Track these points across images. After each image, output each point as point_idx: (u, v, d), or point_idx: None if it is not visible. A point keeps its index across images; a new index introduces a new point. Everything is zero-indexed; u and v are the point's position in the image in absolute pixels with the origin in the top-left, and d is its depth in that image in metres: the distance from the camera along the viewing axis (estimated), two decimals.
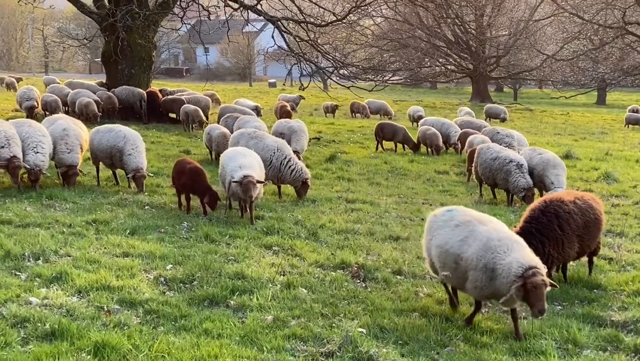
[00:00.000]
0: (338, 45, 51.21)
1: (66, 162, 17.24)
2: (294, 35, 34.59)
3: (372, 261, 12.43)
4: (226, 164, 15.03)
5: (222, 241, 13.08)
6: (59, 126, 17.88)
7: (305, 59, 34.66)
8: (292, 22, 34.94)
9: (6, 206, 14.60)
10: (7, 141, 15.92)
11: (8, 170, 15.88)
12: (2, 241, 11.68)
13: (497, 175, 18.56)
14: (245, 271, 11.12)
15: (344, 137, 31.63)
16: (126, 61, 32.39)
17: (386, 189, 20.30)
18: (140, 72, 33.03)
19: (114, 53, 31.13)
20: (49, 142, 17.08)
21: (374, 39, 64.54)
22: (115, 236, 12.71)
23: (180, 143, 26.50)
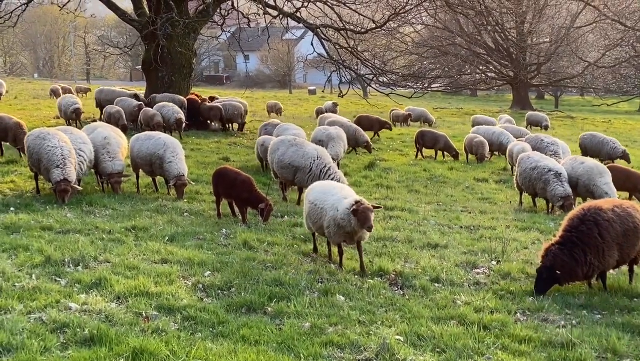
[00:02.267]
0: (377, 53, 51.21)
1: (108, 171, 17.38)
2: (334, 43, 34.62)
3: (410, 269, 12.37)
4: (320, 199, 12.54)
5: (260, 248, 13.09)
6: (99, 134, 18.02)
7: (345, 66, 34.68)
8: (331, 30, 34.95)
9: (47, 213, 14.74)
10: (63, 161, 16.01)
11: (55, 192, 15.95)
12: (43, 247, 11.79)
13: (536, 184, 18.46)
14: (283, 278, 11.12)
15: (383, 144, 31.59)
16: (166, 69, 32.57)
17: (425, 196, 20.26)
18: (180, 80, 33.20)
19: (154, 61, 31.33)
20: (89, 149, 17.21)
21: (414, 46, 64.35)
22: (154, 243, 12.78)
23: (219, 150, 26.61)
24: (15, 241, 12.20)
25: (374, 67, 36.47)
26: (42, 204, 15.72)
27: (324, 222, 12.18)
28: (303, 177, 17.53)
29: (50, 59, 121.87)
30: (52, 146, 16.02)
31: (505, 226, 16.38)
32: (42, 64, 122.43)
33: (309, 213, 12.76)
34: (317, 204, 12.48)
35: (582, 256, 11.02)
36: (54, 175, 15.71)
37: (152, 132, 19.74)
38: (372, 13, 37.15)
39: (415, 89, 44.41)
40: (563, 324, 9.97)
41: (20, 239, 12.38)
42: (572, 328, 9.76)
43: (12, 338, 8.21)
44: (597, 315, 10.61)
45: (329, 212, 12.11)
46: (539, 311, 10.40)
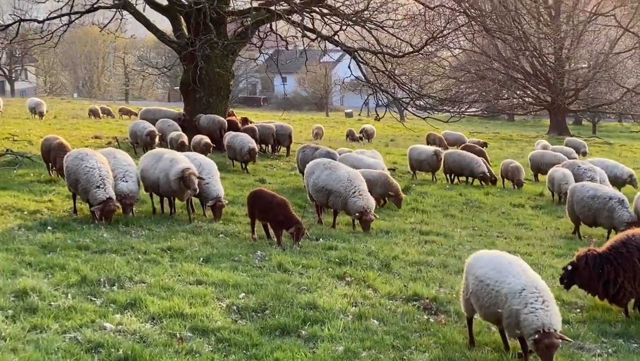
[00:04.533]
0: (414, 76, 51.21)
1: (212, 195, 17.49)
2: (371, 66, 34.64)
3: (445, 294, 12.33)
4: (496, 280, 9.76)
5: (295, 270, 13.09)
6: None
7: (382, 90, 34.68)
8: (369, 53, 35.00)
9: (84, 232, 14.84)
10: (102, 181, 16.14)
11: (102, 213, 15.98)
12: (79, 267, 11.87)
13: (600, 213, 18.19)
14: (317, 302, 11.11)
15: None
16: (204, 90, 32.70)
17: (460, 221, 20.18)
18: (218, 101, 33.31)
19: (193, 82, 31.51)
20: (135, 171, 17.34)
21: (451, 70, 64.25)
22: (189, 264, 12.82)
23: (255, 172, 26.67)
24: (52, 261, 12.30)
25: (411, 90, 36.46)
26: (79, 224, 15.86)
27: (500, 310, 9.55)
28: (336, 201, 17.55)
29: (90, 79, 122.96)
30: (90, 167, 16.13)
31: (542, 253, 16.28)
32: (81, 84, 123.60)
33: (474, 291, 10.09)
34: (490, 285, 9.81)
35: (611, 274, 11.00)
36: (98, 195, 15.79)
37: (188, 152, 19.84)
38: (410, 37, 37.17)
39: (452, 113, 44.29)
40: (599, 352, 9.89)
41: (57, 259, 12.48)
42: (608, 356, 9.69)
43: (47, 357, 8.28)
44: (633, 344, 10.53)
45: (511, 301, 9.45)
46: (575, 339, 10.31)
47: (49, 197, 18.61)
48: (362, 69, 34.91)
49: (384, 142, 46.78)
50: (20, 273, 11.40)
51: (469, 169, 27.33)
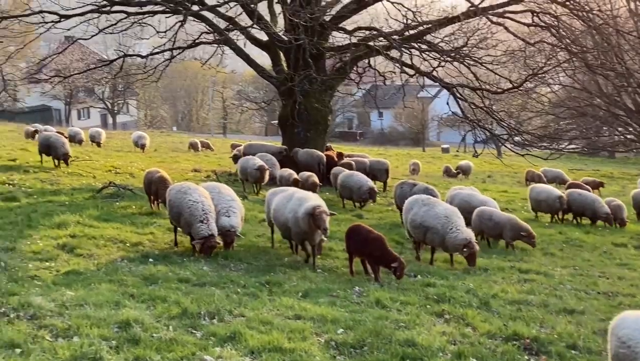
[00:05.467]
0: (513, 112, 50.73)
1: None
2: (469, 102, 34.47)
3: (546, 334, 12.12)
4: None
5: (393, 307, 13.01)
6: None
7: (480, 126, 34.47)
8: (467, 89, 34.86)
9: (185, 265, 15.03)
10: (205, 215, 16.37)
11: (202, 248, 16.22)
12: (180, 299, 12.01)
13: None
14: (416, 339, 11.03)
15: (517, 205, 31.14)
16: (302, 124, 32.97)
17: (561, 260, 19.85)
18: (315, 136, 33.54)
19: (291, 116, 31.82)
20: (239, 206, 17.53)
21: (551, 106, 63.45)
22: (287, 298, 12.85)
23: (352, 207, 26.71)
24: (153, 293, 12.47)
25: (510, 127, 36.11)
26: (179, 257, 16.08)
27: None
28: (434, 238, 17.46)
29: (189, 112, 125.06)
30: (194, 201, 16.38)
31: None
32: (180, 117, 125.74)
33: (615, 354, 9.31)
34: (634, 349, 8.93)
35: None
36: (201, 230, 16.03)
37: (287, 187, 19.98)
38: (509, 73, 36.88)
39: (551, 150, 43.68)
40: None
41: (158, 291, 12.65)
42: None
43: None
44: None
45: None
46: None
47: (151, 229, 18.91)
48: (460, 105, 34.75)
49: (481, 178, 46.49)
50: (123, 304, 11.57)
51: (591, 209, 26.77)
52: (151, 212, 21.43)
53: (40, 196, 23.32)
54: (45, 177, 26.92)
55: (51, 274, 13.59)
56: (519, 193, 35.19)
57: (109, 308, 11.31)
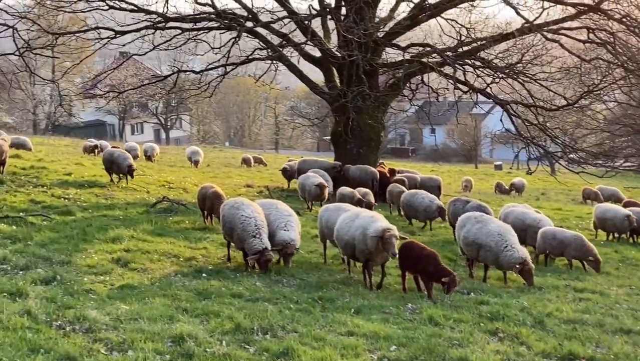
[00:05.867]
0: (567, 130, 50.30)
1: None
2: (523, 119, 34.21)
3: (602, 354, 11.95)
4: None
5: (447, 324, 12.93)
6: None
7: (534, 143, 34.20)
8: (521, 106, 34.60)
9: (238, 280, 15.10)
10: (258, 231, 16.42)
11: (259, 263, 16.28)
12: (233, 314, 12.04)
13: None
14: (470, 357, 10.95)
15: (572, 223, 30.81)
16: (355, 141, 32.97)
17: (617, 279, 19.56)
18: (368, 152, 33.51)
19: (344, 133, 31.82)
20: (297, 221, 17.57)
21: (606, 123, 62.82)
22: (340, 315, 12.84)
23: (405, 224, 26.61)
24: (207, 307, 12.53)
25: (564, 144, 35.81)
26: (232, 272, 16.17)
27: None
28: (487, 255, 17.34)
29: (241, 128, 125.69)
30: (247, 216, 16.47)
31: None
32: (233, 133, 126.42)
33: None
34: None
35: None
36: (254, 245, 16.11)
37: (341, 204, 19.96)
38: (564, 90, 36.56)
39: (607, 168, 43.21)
40: None
41: (211, 306, 12.71)
42: None
43: None
44: None
45: None
46: None
47: (204, 244, 19.03)
48: (513, 122, 34.51)
49: (535, 195, 46.13)
50: (177, 319, 11.64)
51: None
52: (204, 227, 21.57)
53: (95, 210, 23.57)
54: (99, 192, 27.19)
55: (106, 288, 13.71)
56: (573, 211, 34.86)
57: (162, 322, 11.39)
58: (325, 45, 32.13)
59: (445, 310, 13.84)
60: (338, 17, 32.27)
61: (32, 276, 13.65)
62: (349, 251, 16.48)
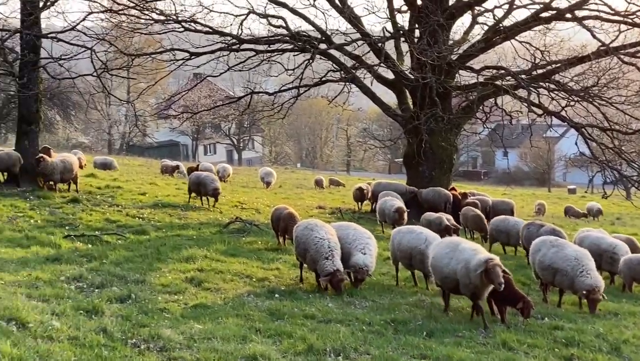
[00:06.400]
0: None
1: None
2: (598, 142, 33.75)
3: None
4: None
5: (520, 349, 12.78)
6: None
7: (610, 167, 33.71)
8: (596, 129, 34.15)
9: (310, 301, 15.11)
10: (331, 252, 16.45)
11: (331, 284, 16.29)
12: (306, 335, 12.06)
13: None
14: None
15: None
16: (427, 163, 32.88)
17: None
18: (440, 175, 33.39)
19: (417, 155, 31.75)
20: (374, 245, 17.54)
21: None
22: (412, 337, 12.77)
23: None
24: (279, 328, 12.56)
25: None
26: (304, 293, 16.18)
27: None
28: (563, 280, 17.11)
29: (313, 149, 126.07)
30: (320, 238, 16.51)
31: None
32: (304, 154, 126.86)
33: None
34: None
35: None
36: (326, 266, 16.14)
37: (414, 226, 19.89)
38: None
39: None
40: None
41: (284, 326, 12.74)
42: None
43: None
44: None
45: None
46: None
47: (276, 265, 19.11)
48: (588, 145, 34.06)
49: (609, 220, 45.41)
50: (250, 339, 11.69)
51: None
52: (277, 248, 21.67)
53: (169, 230, 23.87)
54: (173, 212, 27.52)
55: (180, 307, 13.83)
56: None
57: (236, 342, 11.45)
58: (399, 68, 32.16)
59: (519, 335, 13.67)
60: (412, 39, 32.30)
61: (108, 294, 13.83)
62: (449, 285, 15.38)
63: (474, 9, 34.74)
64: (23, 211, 24.13)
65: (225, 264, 18.36)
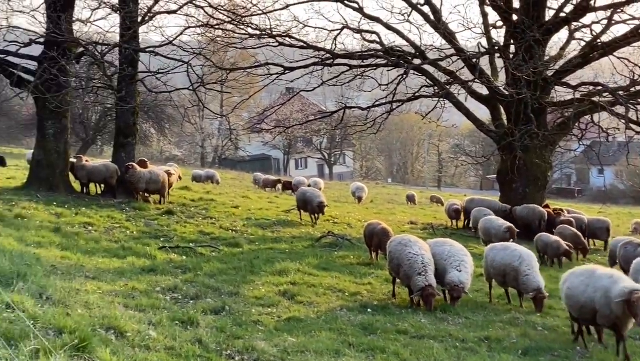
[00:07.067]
0: None
1: (533, 286, 17.20)
2: None
3: None
4: None
5: None
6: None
7: None
8: None
9: (403, 316, 15.06)
10: (424, 268, 16.38)
11: (423, 299, 16.23)
12: (399, 350, 12.03)
13: None
14: None
15: None
16: (521, 180, 32.54)
17: None
18: (534, 192, 32.97)
19: (510, 171, 31.46)
20: (471, 263, 17.41)
21: None
22: (507, 355, 12.63)
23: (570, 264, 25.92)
24: (372, 342, 12.54)
25: None
26: (397, 308, 16.13)
27: None
28: None
29: (404, 164, 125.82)
30: (414, 253, 16.45)
31: None
32: (395, 169, 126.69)
33: None
34: None
35: None
36: (418, 281, 16.07)
37: (507, 243, 19.68)
38: None
39: None
40: None
41: (377, 341, 12.72)
42: None
43: None
44: None
45: None
46: None
47: (368, 279, 19.08)
48: None
49: None
50: (343, 353, 11.69)
51: None
52: (369, 262, 21.63)
53: (262, 242, 24.07)
54: (265, 224, 27.74)
55: (273, 319, 13.90)
56: None
57: (329, 355, 11.46)
58: (493, 83, 31.95)
59: (616, 357, 13.39)
60: (507, 55, 32.06)
61: (202, 306, 13.96)
62: (586, 315, 13.98)
63: (570, 25, 34.35)
64: (119, 222, 24.60)
65: (317, 278, 18.41)
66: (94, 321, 10.55)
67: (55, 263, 15.84)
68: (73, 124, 48.01)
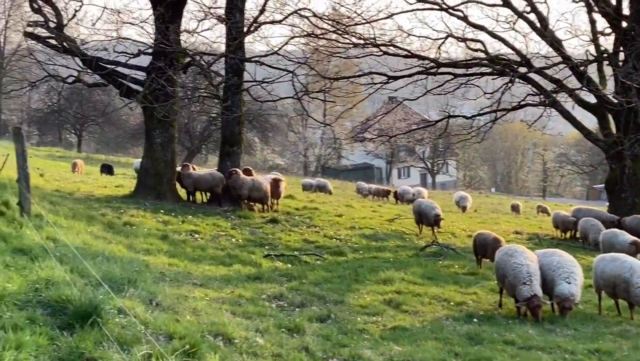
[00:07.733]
0: None
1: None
2: None
3: None
4: None
5: None
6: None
7: None
8: None
9: (510, 327, 14.87)
10: (529, 278, 16.18)
11: (529, 308, 16.02)
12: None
13: None
14: None
15: None
16: (630, 190, 31.86)
17: None
18: None
19: (619, 181, 30.88)
20: (580, 274, 17.12)
21: None
22: None
23: None
24: (479, 353, 12.41)
25: None
26: (503, 318, 15.93)
27: None
28: None
29: (508, 174, 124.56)
30: (519, 263, 16.25)
31: None
32: (499, 179, 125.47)
33: None
34: None
35: None
36: (523, 292, 15.86)
37: (618, 254, 19.27)
38: None
39: None
40: None
41: (484, 351, 12.57)
42: None
43: None
44: None
45: None
46: None
47: (474, 289, 18.92)
48: None
49: None
50: None
51: None
52: (474, 272, 21.45)
53: (366, 251, 24.10)
54: (369, 233, 27.75)
55: (378, 328, 13.88)
56: None
57: None
58: (602, 92, 31.39)
59: None
60: (616, 62, 31.47)
61: (308, 314, 14.02)
62: None
63: None
64: (225, 230, 24.90)
65: (422, 287, 18.33)
66: (203, 327, 10.69)
67: (163, 270, 16.11)
68: (179, 133, 48.78)
